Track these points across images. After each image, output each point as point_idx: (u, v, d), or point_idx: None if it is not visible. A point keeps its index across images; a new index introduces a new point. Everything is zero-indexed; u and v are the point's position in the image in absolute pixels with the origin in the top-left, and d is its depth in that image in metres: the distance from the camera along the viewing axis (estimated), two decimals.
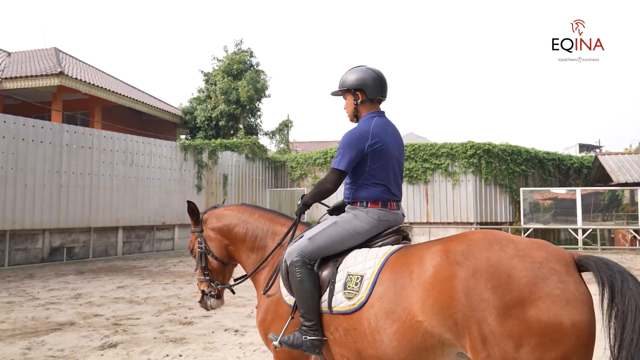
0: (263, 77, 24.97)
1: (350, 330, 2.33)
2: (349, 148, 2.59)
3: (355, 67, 2.82)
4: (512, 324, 1.84)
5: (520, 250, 1.97)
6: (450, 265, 2.04)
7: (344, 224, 2.60)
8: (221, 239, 3.11)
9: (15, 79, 17.71)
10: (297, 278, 2.48)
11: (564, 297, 1.84)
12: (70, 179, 13.55)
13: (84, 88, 18.25)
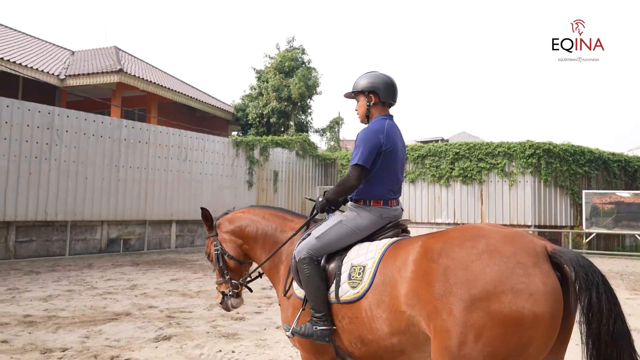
0: (314, 74, 24.93)
1: (353, 319, 2.51)
2: (366, 144, 2.73)
3: (368, 72, 2.99)
4: (476, 316, 1.96)
5: (490, 246, 2.09)
6: (427, 262, 2.22)
7: (348, 222, 2.78)
8: (235, 240, 3.33)
9: (78, 76, 18.41)
10: (306, 274, 2.66)
11: (528, 290, 1.93)
12: (127, 172, 13.95)
13: (141, 85, 18.77)
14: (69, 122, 12.72)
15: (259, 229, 3.25)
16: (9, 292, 8.06)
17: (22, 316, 6.43)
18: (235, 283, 3.33)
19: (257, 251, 3.26)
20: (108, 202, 13.44)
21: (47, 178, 12.20)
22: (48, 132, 12.28)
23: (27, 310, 6.78)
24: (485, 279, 2.01)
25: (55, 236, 12.62)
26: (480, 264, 2.06)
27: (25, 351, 4.98)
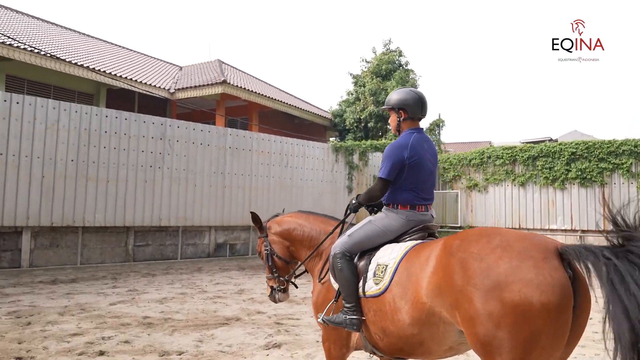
0: (412, 76, 24.34)
1: (377, 311, 2.75)
2: (390, 159, 3.05)
3: (400, 88, 3.29)
4: (492, 305, 2.12)
5: (504, 242, 2.26)
6: (446, 257, 2.40)
7: (377, 222, 3.08)
8: (283, 242, 3.70)
9: (186, 89, 19.48)
10: (339, 267, 2.98)
11: (536, 281, 2.07)
12: (232, 179, 14.41)
13: (243, 95, 19.43)
14: (179, 132, 13.40)
15: (305, 233, 3.62)
16: (129, 293, 8.52)
17: (142, 317, 6.71)
18: (282, 279, 3.76)
19: (302, 252, 3.63)
20: (215, 209, 13.96)
21: (160, 186, 12.93)
22: (161, 142, 13.02)
23: (146, 312, 7.08)
24: (498, 270, 2.17)
25: (168, 241, 13.33)
26: (494, 257, 2.22)
27: (145, 352, 5.12)
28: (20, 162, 10.91)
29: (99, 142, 12.02)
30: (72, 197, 11.58)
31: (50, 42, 17.85)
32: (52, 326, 6.12)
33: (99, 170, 12.01)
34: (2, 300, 7.68)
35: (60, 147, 11.44)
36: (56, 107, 11.48)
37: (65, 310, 7.08)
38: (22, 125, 10.97)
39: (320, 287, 3.27)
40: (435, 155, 3.25)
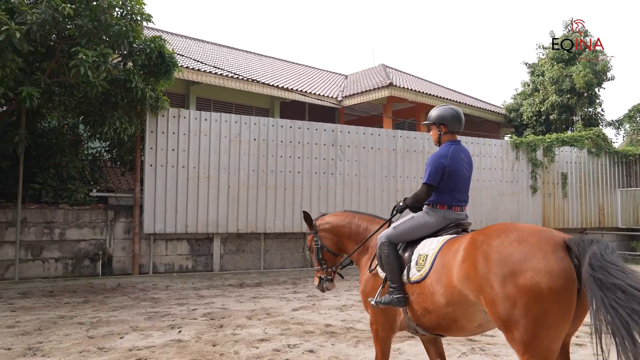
0: (602, 57, 21.19)
1: (419, 294, 3.25)
2: (433, 167, 3.54)
3: (440, 106, 3.77)
4: (508, 289, 2.58)
5: (520, 237, 2.72)
6: (472, 249, 2.87)
7: (418, 218, 3.57)
8: (332, 237, 4.20)
9: (352, 96, 19.62)
10: (385, 253, 3.47)
11: (545, 269, 2.52)
12: (405, 182, 13.91)
13: (411, 96, 18.87)
14: (349, 138, 13.36)
15: (352, 229, 4.11)
16: (309, 299, 8.52)
17: (324, 325, 6.53)
18: (329, 270, 4.24)
19: (349, 246, 4.14)
20: (388, 213, 13.57)
21: (334, 192, 13.00)
22: (333, 148, 13.11)
23: (327, 320, 6.91)
24: (513, 260, 2.64)
25: None
26: (510, 249, 2.69)
27: None
28: (209, 173, 11.84)
29: (276, 151, 12.52)
30: (254, 205, 12.21)
31: (230, 64, 19.47)
32: (241, 330, 6.25)
33: (277, 178, 12.50)
34: (199, 302, 8.22)
35: (242, 158, 12.17)
36: (238, 121, 12.26)
37: (252, 314, 7.26)
38: (210, 140, 11.90)
39: (368, 276, 3.76)
40: (471, 164, 3.75)
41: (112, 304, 8.01)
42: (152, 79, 11.00)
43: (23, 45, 8.49)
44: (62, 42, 9.74)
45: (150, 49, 10.35)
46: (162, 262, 11.67)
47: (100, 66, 9.12)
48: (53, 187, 11.00)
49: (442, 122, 3.69)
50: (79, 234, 11.04)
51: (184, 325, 6.47)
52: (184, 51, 17.82)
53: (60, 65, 9.93)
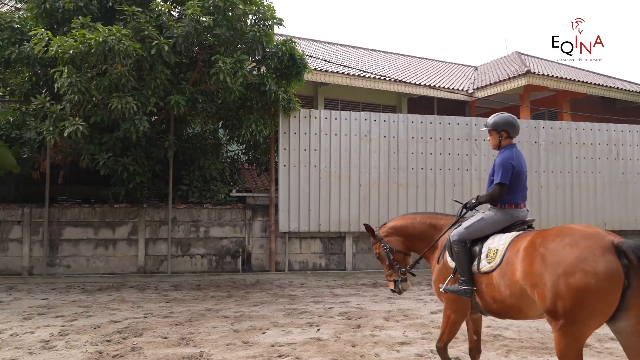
0: None
1: (488, 284, 3.64)
2: (504, 168, 3.89)
3: (499, 114, 4.17)
4: (560, 287, 2.99)
5: (573, 241, 3.10)
6: (531, 250, 3.29)
7: (487, 219, 3.92)
8: (398, 238, 4.53)
9: (485, 88, 18.50)
10: (456, 251, 3.87)
11: (594, 271, 2.91)
12: (549, 178, 12.71)
13: (551, 83, 17.28)
14: (485, 131, 12.52)
15: (416, 228, 4.44)
16: None
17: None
18: (402, 270, 4.46)
19: (417, 243, 4.45)
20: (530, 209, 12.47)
21: (469, 188, 12.28)
22: (467, 142, 12.40)
23: None
24: (566, 262, 3.02)
25: None
26: (564, 252, 3.07)
27: None
28: (340, 172, 11.86)
29: (406, 147, 12.17)
30: (386, 203, 11.98)
31: (356, 63, 19.48)
32: (380, 331, 6.06)
33: (408, 175, 12.14)
34: (334, 300, 8.20)
35: (372, 155, 12.01)
36: (367, 119, 12.13)
37: (389, 315, 7.03)
38: (340, 138, 11.93)
39: (440, 266, 4.10)
40: (525, 164, 4.07)
41: (253, 299, 8.32)
42: (284, 81, 11.31)
43: (171, 57, 9.20)
44: (203, 51, 10.40)
45: (282, 52, 10.65)
46: (296, 259, 11.95)
47: (237, 72, 9.56)
48: (198, 188, 11.82)
49: (503, 128, 4.11)
50: (221, 232, 11.72)
51: (322, 324, 6.45)
52: (311, 54, 18.21)
53: (202, 74, 10.63)
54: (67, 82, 8.40)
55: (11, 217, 11.02)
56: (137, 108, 8.97)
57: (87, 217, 11.25)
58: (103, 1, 9.64)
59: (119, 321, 6.56)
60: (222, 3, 9.58)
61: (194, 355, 4.99)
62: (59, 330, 6.06)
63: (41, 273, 10.89)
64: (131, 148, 10.74)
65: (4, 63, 9.86)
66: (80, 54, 8.34)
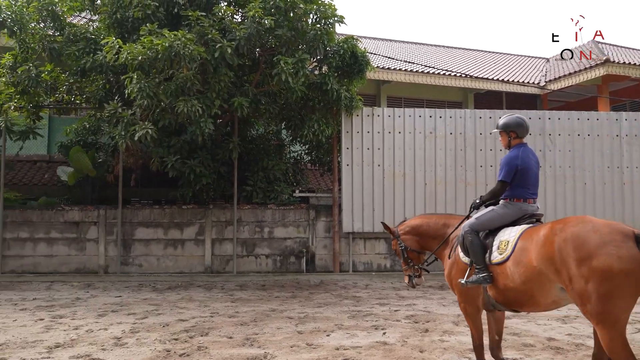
0: None
1: (500, 274, 3.80)
2: (507, 166, 4.09)
3: (508, 115, 4.35)
4: (584, 269, 3.12)
5: (595, 227, 3.23)
6: (553, 235, 3.38)
7: (498, 211, 4.10)
8: (412, 237, 4.77)
9: (558, 80, 17.51)
10: (469, 240, 4.00)
11: (617, 254, 3.05)
12: (634, 174, 11.77)
13: (633, 72, 16.10)
14: (560, 125, 11.81)
15: (430, 227, 4.67)
16: None
17: (545, 339, 5.68)
18: (417, 267, 4.83)
19: (430, 242, 4.68)
20: (612, 210, 11.61)
21: (543, 186, 11.54)
22: (540, 137, 11.72)
23: (548, 332, 6.01)
24: (589, 246, 3.15)
25: None
26: (587, 237, 3.20)
27: None
28: (405, 171, 11.56)
29: (474, 144, 11.69)
30: (453, 202, 11.55)
31: (419, 60, 19.01)
32: (449, 337, 5.78)
33: (477, 173, 11.65)
34: (400, 303, 7.96)
35: (438, 153, 11.62)
36: (432, 115, 11.76)
37: (459, 319, 6.71)
38: (404, 136, 11.63)
39: (452, 262, 4.26)
40: (538, 162, 4.28)
41: (317, 300, 8.23)
42: (346, 79, 11.18)
43: (234, 60, 9.32)
44: (265, 53, 10.47)
45: (343, 50, 10.53)
46: (360, 260, 11.77)
47: (299, 72, 9.53)
48: (262, 189, 11.92)
49: (512, 129, 4.24)
50: (284, 232, 11.76)
51: (388, 327, 6.25)
52: (372, 52, 17.96)
53: (264, 76, 10.71)
54: (137, 88, 8.70)
55: (88, 218, 11.62)
56: (202, 111, 9.16)
57: (157, 217, 11.65)
58: (169, 8, 9.93)
59: (186, 320, 6.68)
60: (283, 4, 9.59)
61: (258, 356, 4.95)
62: (130, 327, 6.24)
63: (115, 271, 11.40)
64: (197, 150, 11.00)
65: (80, 72, 10.41)
66: (148, 59, 8.60)
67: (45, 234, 11.57)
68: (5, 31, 10.14)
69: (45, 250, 11.53)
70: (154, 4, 9.56)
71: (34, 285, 10.10)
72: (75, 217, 11.62)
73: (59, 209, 11.71)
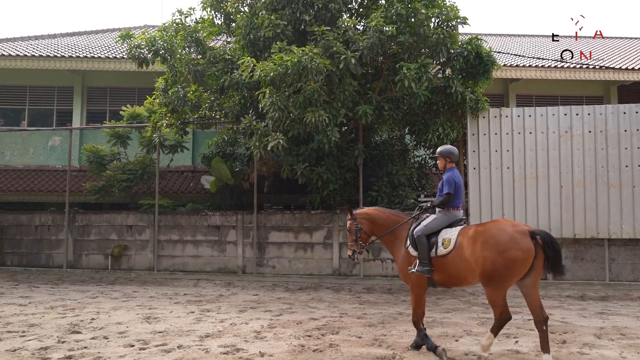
0: None
1: (444, 263, 5.14)
2: (452, 183, 5.43)
3: (443, 146, 5.89)
4: (499, 259, 4.65)
5: (504, 229, 4.79)
6: (476, 235, 4.91)
7: (440, 217, 5.42)
8: (367, 222, 5.83)
9: None
10: (420, 241, 5.26)
11: (520, 248, 4.64)
12: None
13: None
14: None
15: (382, 219, 5.83)
16: None
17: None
18: (361, 245, 5.87)
19: (379, 230, 5.83)
20: None
21: None
22: None
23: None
24: (502, 242, 4.70)
25: None
26: (499, 236, 4.76)
27: None
28: (537, 173, 10.96)
29: (618, 143, 10.69)
30: (594, 206, 10.67)
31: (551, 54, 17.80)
32: (589, 349, 5.43)
33: (622, 174, 10.63)
34: None
35: (575, 153, 10.83)
36: (567, 113, 11.00)
37: (601, 332, 6.25)
38: (536, 137, 11.03)
39: (403, 255, 5.54)
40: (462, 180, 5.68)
41: (444, 306, 8.16)
42: (471, 81, 10.94)
43: (357, 70, 9.64)
44: (388, 60, 10.64)
45: (467, 51, 10.33)
46: None
47: (422, 77, 9.56)
48: (387, 194, 12.06)
49: (448, 155, 5.66)
50: None
51: (521, 336, 6.04)
52: (499, 49, 17.21)
53: (387, 83, 10.87)
54: (269, 102, 9.40)
55: (228, 222, 12.72)
56: (328, 120, 9.59)
57: (288, 222, 12.37)
58: (296, 25, 10.56)
59: (317, 319, 7.07)
60: (404, 10, 9.70)
61: (386, 356, 5.11)
62: (267, 323, 6.78)
63: (252, 272, 12.32)
64: (324, 158, 11.48)
65: (219, 90, 11.49)
66: (279, 75, 9.25)
67: (192, 237, 12.89)
68: (159, 59, 11.55)
69: (192, 251, 12.85)
70: (283, 23, 10.24)
71: (183, 282, 11.33)
72: (216, 221, 12.79)
73: (203, 214, 12.97)
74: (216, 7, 11.88)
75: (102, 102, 17.60)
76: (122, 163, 14.39)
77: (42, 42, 18.41)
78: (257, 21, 10.63)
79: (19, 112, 17.75)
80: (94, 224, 13.52)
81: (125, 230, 13.32)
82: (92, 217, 13.61)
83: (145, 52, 11.44)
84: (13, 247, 14.01)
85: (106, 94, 17.59)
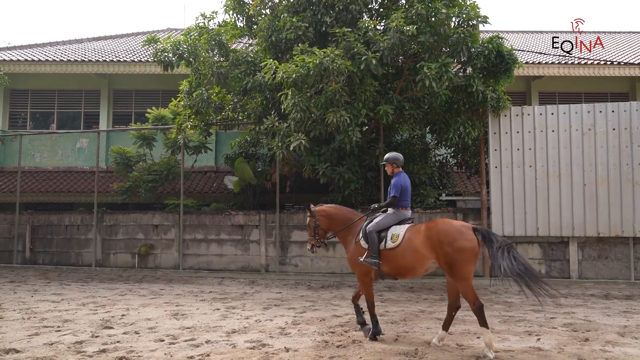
0: None
1: (392, 256, 5.64)
2: (398, 187, 5.95)
3: (390, 153, 6.38)
4: (452, 248, 5.18)
5: (453, 225, 5.37)
6: (429, 231, 5.44)
7: (390, 216, 5.93)
8: (325, 219, 6.32)
9: None
10: (372, 236, 5.75)
11: (466, 239, 5.23)
12: None
13: None
14: None
15: (339, 215, 6.34)
16: None
17: None
18: (319, 240, 6.35)
19: (336, 226, 6.32)
20: None
21: None
22: None
23: None
24: (452, 234, 5.25)
25: None
26: (450, 230, 5.31)
27: None
28: (560, 171, 10.90)
29: None
30: (618, 204, 10.58)
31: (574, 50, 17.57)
32: (612, 347, 5.44)
33: None
34: (557, 310, 7.60)
35: (599, 151, 10.75)
36: (590, 111, 10.92)
37: (625, 330, 6.24)
38: (559, 135, 10.98)
39: (354, 247, 6.01)
40: (410, 183, 6.18)
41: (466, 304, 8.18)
42: (492, 79, 10.93)
43: (378, 70, 9.73)
44: (408, 60, 10.71)
45: (488, 50, 10.33)
46: None
47: (443, 76, 9.61)
48: None
49: (394, 161, 6.16)
50: None
51: (543, 334, 6.07)
52: (521, 47, 17.09)
53: (407, 82, 10.94)
54: (292, 103, 9.56)
55: (251, 221, 12.93)
56: (349, 120, 9.71)
57: None
58: (317, 27, 10.70)
59: (340, 316, 7.20)
60: (424, 10, 9.76)
61: (409, 352, 5.21)
62: (291, 319, 6.94)
63: (275, 270, 12.51)
64: (346, 157, 11.60)
65: (242, 92, 11.70)
66: (301, 76, 9.41)
67: (216, 236, 13.15)
68: (183, 62, 11.82)
69: (216, 250, 13.11)
70: (304, 25, 10.40)
71: (208, 280, 11.57)
72: (240, 221, 13.02)
73: (227, 214, 13.21)
74: (238, 10, 12.10)
75: (127, 105, 18.04)
76: (148, 164, 14.74)
77: (70, 47, 18.95)
78: (278, 24, 10.81)
79: (48, 115, 18.30)
80: (121, 224, 13.89)
81: (151, 229, 13.65)
82: (120, 217, 13.98)
83: (170, 55, 11.73)
84: (44, 246, 14.49)
85: (132, 97, 18.03)
